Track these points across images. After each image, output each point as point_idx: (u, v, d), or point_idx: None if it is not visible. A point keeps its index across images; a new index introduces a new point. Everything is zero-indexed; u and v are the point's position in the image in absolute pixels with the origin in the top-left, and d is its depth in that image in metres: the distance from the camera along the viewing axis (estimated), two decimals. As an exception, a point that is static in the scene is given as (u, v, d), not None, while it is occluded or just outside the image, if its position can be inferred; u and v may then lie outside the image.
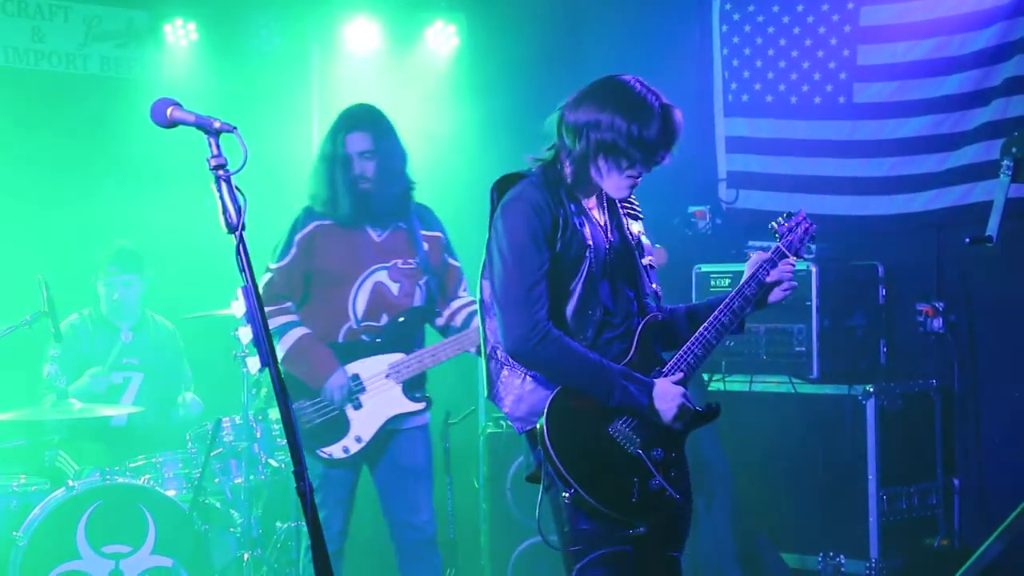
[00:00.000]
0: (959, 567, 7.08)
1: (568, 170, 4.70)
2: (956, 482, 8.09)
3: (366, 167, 6.47)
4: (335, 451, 6.44)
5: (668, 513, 4.75)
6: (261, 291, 6.35)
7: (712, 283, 8.11)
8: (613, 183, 4.68)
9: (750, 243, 8.17)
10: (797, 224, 5.01)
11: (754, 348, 8.09)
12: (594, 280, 4.68)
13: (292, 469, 3.64)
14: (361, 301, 6.50)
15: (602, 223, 4.79)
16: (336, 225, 6.50)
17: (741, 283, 4.87)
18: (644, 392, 4.63)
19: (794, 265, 4.94)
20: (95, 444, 8.08)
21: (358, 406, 6.44)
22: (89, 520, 7.00)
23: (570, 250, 4.63)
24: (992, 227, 7.19)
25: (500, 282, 4.60)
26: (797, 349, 7.96)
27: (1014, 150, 7.33)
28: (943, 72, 8.13)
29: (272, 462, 7.60)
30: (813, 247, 5.11)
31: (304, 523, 6.27)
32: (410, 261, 6.56)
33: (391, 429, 6.51)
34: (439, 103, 9.97)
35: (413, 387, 6.52)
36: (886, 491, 7.68)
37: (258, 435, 7.53)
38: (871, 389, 7.69)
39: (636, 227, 4.92)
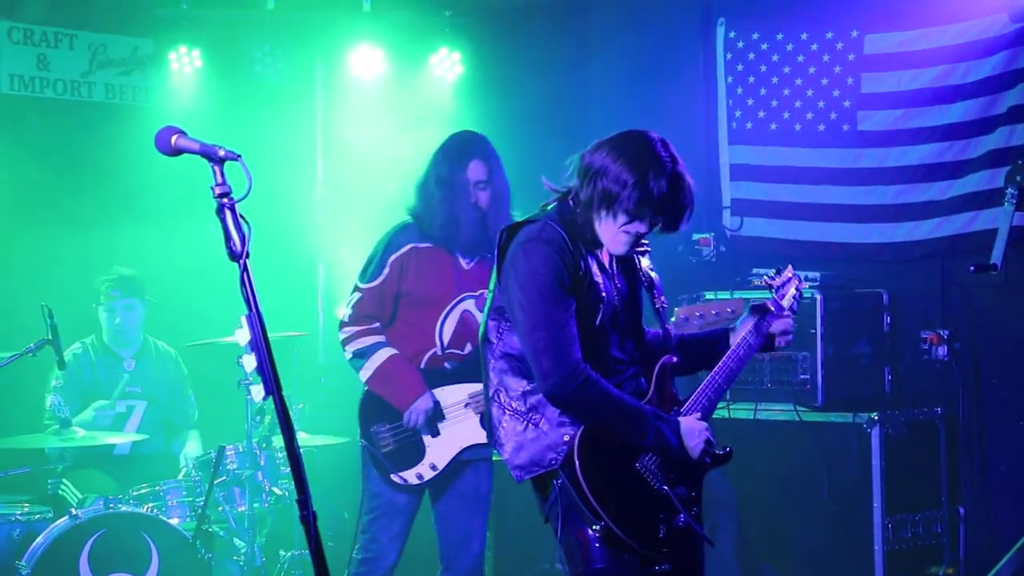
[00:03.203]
0: (965, 596, 7.07)
1: (578, 212, 4.65)
2: (961, 510, 8.07)
3: (480, 196, 6.41)
4: (410, 477, 6.37)
5: (691, 550, 4.75)
6: (350, 309, 6.36)
7: (717, 310, 8.10)
8: (610, 236, 4.64)
9: (754, 270, 8.18)
10: (788, 281, 5.13)
11: (758, 376, 8.09)
12: (605, 331, 4.66)
13: (295, 497, 3.62)
14: (448, 328, 6.44)
15: (610, 269, 4.75)
16: (432, 248, 6.41)
17: (744, 332, 4.96)
18: (674, 432, 4.64)
19: (791, 317, 5.04)
20: (98, 473, 8.07)
21: (436, 433, 6.38)
22: (92, 549, 6.97)
23: (587, 297, 4.60)
24: (996, 255, 7.19)
25: (528, 325, 4.53)
26: (802, 377, 7.95)
27: (1018, 178, 7.34)
28: (947, 100, 8.15)
29: (276, 490, 7.60)
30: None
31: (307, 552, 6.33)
32: None
33: (463, 459, 6.47)
34: (442, 130, 9.91)
35: None
36: (891, 519, 7.66)
37: (262, 463, 7.52)
38: (876, 417, 7.67)
39: (645, 262, 4.91)
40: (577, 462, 4.52)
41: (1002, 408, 8.02)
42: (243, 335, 3.64)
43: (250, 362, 3.65)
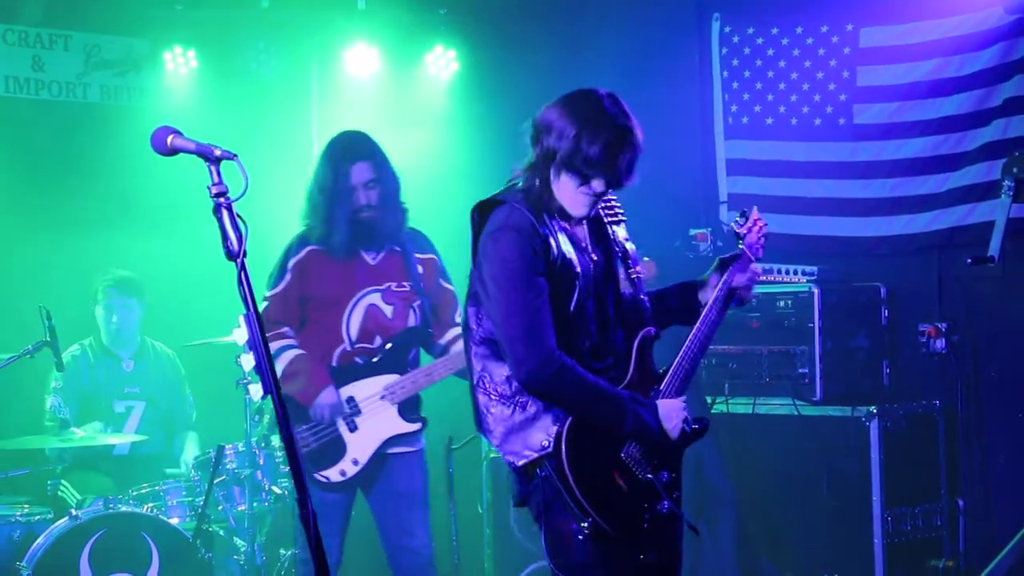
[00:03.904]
0: (965, 588, 7.07)
1: (538, 181, 4.57)
2: (960, 503, 8.07)
3: (371, 196, 6.46)
4: (332, 474, 6.42)
5: (674, 537, 4.73)
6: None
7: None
8: (569, 198, 4.55)
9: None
10: (754, 223, 5.11)
11: (757, 370, 8.08)
12: (581, 309, 4.59)
13: (295, 496, 3.63)
14: (355, 323, 6.50)
15: (584, 242, 4.68)
16: (329, 249, 6.50)
17: (715, 292, 4.86)
18: (652, 416, 4.59)
19: (755, 264, 5.01)
20: (98, 473, 8.08)
21: (354, 428, 6.43)
22: (93, 549, 6.98)
23: (560, 278, 4.53)
24: (994, 247, 7.18)
25: (501, 315, 4.48)
26: (800, 371, 7.94)
27: (1015, 170, 7.33)
28: (943, 93, 8.14)
29: (275, 489, 7.59)
30: (801, 270, 5.18)
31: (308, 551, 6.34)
32: (404, 284, 6.55)
33: (387, 453, 6.49)
34: (439, 128, 9.99)
35: (408, 408, 6.52)
36: (891, 512, 7.66)
37: (261, 462, 7.52)
38: (874, 410, 7.67)
39: (621, 232, 4.83)
40: (564, 456, 4.48)
41: (1001, 400, 8.02)
42: (241, 334, 3.64)
43: (248, 361, 3.66)
